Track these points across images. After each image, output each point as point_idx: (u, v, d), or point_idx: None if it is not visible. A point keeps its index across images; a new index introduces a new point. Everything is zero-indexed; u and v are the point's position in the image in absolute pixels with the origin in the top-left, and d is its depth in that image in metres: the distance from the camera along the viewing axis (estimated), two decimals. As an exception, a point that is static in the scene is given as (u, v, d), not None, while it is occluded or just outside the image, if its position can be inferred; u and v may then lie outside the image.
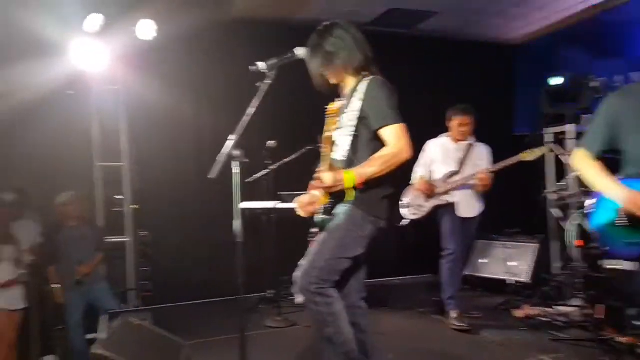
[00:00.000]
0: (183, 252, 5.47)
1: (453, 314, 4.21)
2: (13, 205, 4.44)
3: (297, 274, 2.39)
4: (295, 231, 3.33)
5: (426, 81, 6.32)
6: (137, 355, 2.82)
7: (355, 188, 2.33)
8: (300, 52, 2.50)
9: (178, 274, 5.34)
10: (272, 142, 4.81)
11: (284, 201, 4.59)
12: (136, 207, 5.15)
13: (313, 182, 2.49)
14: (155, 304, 4.92)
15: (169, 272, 5.29)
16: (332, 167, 2.39)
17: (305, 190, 2.55)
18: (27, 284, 4.42)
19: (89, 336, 4.64)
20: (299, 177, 3.01)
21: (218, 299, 5.40)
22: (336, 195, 2.39)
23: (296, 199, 2.54)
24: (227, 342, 3.81)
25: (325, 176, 2.31)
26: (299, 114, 5.38)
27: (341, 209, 2.41)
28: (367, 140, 2.39)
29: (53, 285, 4.56)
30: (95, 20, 4.61)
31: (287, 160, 4.84)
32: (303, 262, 2.42)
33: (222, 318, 4.71)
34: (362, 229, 2.37)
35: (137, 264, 5.12)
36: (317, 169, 2.48)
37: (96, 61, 4.74)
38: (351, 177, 2.29)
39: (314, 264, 2.34)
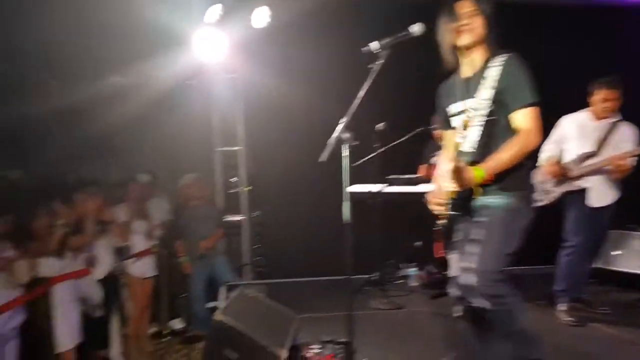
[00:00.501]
0: (294, 232, 5.67)
1: (562, 306, 3.95)
2: (147, 186, 4.94)
3: (466, 281, 2.20)
4: (401, 215, 3.31)
5: (552, 53, 5.68)
6: (252, 323, 3.01)
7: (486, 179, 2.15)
8: (416, 29, 2.38)
9: (288, 252, 5.57)
10: (381, 124, 4.76)
11: (391, 184, 4.57)
12: (250, 188, 5.46)
13: (437, 171, 2.40)
14: (268, 279, 5.20)
15: (281, 250, 5.54)
16: (457, 160, 2.14)
17: (414, 173, 2.52)
18: (158, 255, 4.92)
19: (210, 304, 5.06)
20: (407, 160, 2.98)
21: (325, 278, 5.56)
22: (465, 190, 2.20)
23: (428, 192, 2.42)
24: (334, 319, 3.92)
25: (453, 174, 2.12)
26: (410, 95, 5.23)
27: (493, 201, 2.21)
28: (502, 127, 2.20)
29: (180, 258, 5.02)
30: (215, 11, 4.86)
31: (396, 142, 4.75)
32: (458, 270, 2.26)
33: (329, 296, 4.83)
34: (523, 219, 2.21)
35: (251, 242, 5.44)
36: (430, 154, 2.43)
37: (215, 51, 5.03)
38: (480, 174, 2.13)
39: (486, 264, 2.13)
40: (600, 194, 3.82)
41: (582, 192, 3.85)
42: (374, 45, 2.40)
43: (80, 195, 3.88)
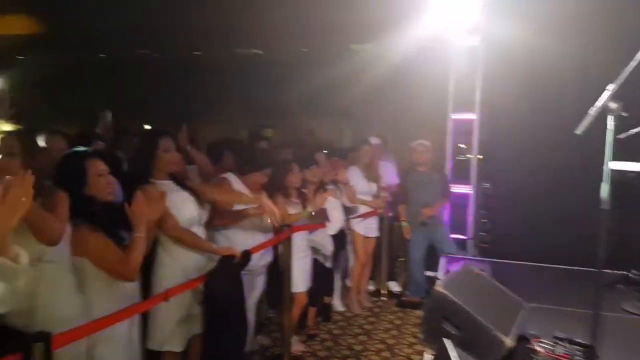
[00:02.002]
0: (529, 210, 5.16)
1: None
2: (377, 148, 5.09)
3: None
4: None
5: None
6: (475, 302, 2.84)
7: None
8: None
9: (520, 231, 5.11)
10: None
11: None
12: (480, 157, 5.15)
13: None
14: (492, 257, 4.90)
15: (510, 228, 5.13)
16: None
17: None
18: (382, 217, 5.08)
19: (428, 273, 5.04)
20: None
21: (565, 267, 4.95)
22: None
23: None
24: (572, 315, 3.46)
25: None
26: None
27: None
28: None
29: (402, 222, 5.09)
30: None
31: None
32: None
33: (568, 288, 4.29)
34: None
35: (477, 215, 5.18)
36: None
37: (456, 12, 4.81)
38: None
39: None
40: None
41: None
42: None
43: (319, 157, 4.20)
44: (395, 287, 5.43)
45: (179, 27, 6.46)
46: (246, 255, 2.93)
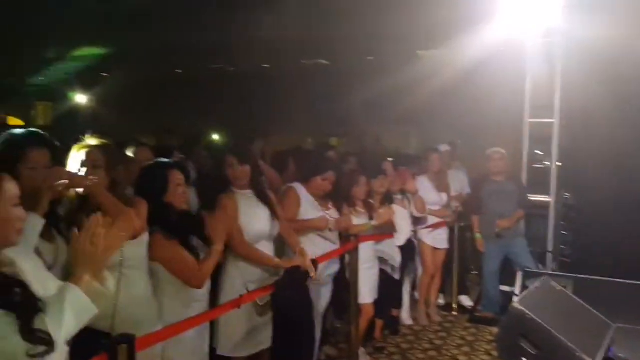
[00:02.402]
0: (614, 221, 4.77)
1: None
2: (447, 156, 4.93)
3: None
4: None
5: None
6: (556, 321, 2.66)
7: None
8: None
9: (605, 244, 4.72)
10: None
11: None
12: (559, 164, 4.85)
13: None
14: (574, 272, 4.57)
15: (595, 241, 4.76)
16: None
17: None
18: (452, 228, 4.90)
19: (503, 287, 4.79)
20: None
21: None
22: None
23: None
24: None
25: None
26: None
27: None
28: None
29: (475, 233, 4.88)
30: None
31: None
32: None
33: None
34: None
35: (557, 226, 4.86)
36: None
37: (534, 13, 4.59)
38: None
39: None
40: None
41: None
42: None
43: (386, 166, 4.12)
44: (467, 301, 5.22)
45: (249, 42, 6.67)
46: (312, 264, 2.91)
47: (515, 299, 2.83)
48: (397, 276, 4.16)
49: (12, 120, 9.60)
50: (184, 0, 5.79)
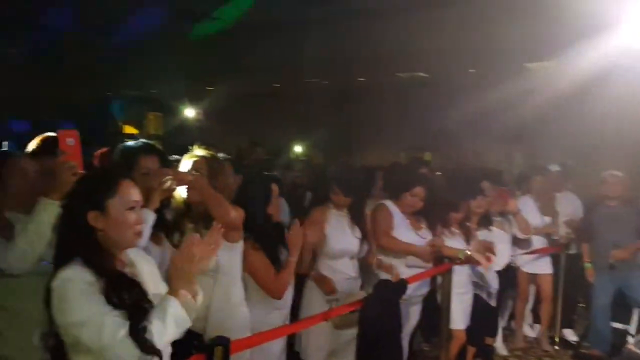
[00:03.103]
0: None
1: None
2: (557, 177, 4.55)
3: None
4: None
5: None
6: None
7: None
8: None
9: None
10: None
11: None
12: None
13: None
14: None
15: None
16: None
17: None
18: (559, 255, 4.49)
19: (616, 324, 4.32)
20: None
21: None
22: None
23: None
24: None
25: None
26: None
27: None
28: None
29: (585, 263, 4.45)
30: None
31: None
32: None
33: None
34: None
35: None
36: None
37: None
38: None
39: None
40: None
41: None
42: None
43: (485, 185, 3.88)
44: (571, 335, 4.77)
45: (347, 56, 6.75)
46: (402, 283, 2.84)
47: (630, 339, 2.50)
48: (493, 303, 3.90)
49: (127, 129, 10.46)
50: (287, 19, 6.03)
